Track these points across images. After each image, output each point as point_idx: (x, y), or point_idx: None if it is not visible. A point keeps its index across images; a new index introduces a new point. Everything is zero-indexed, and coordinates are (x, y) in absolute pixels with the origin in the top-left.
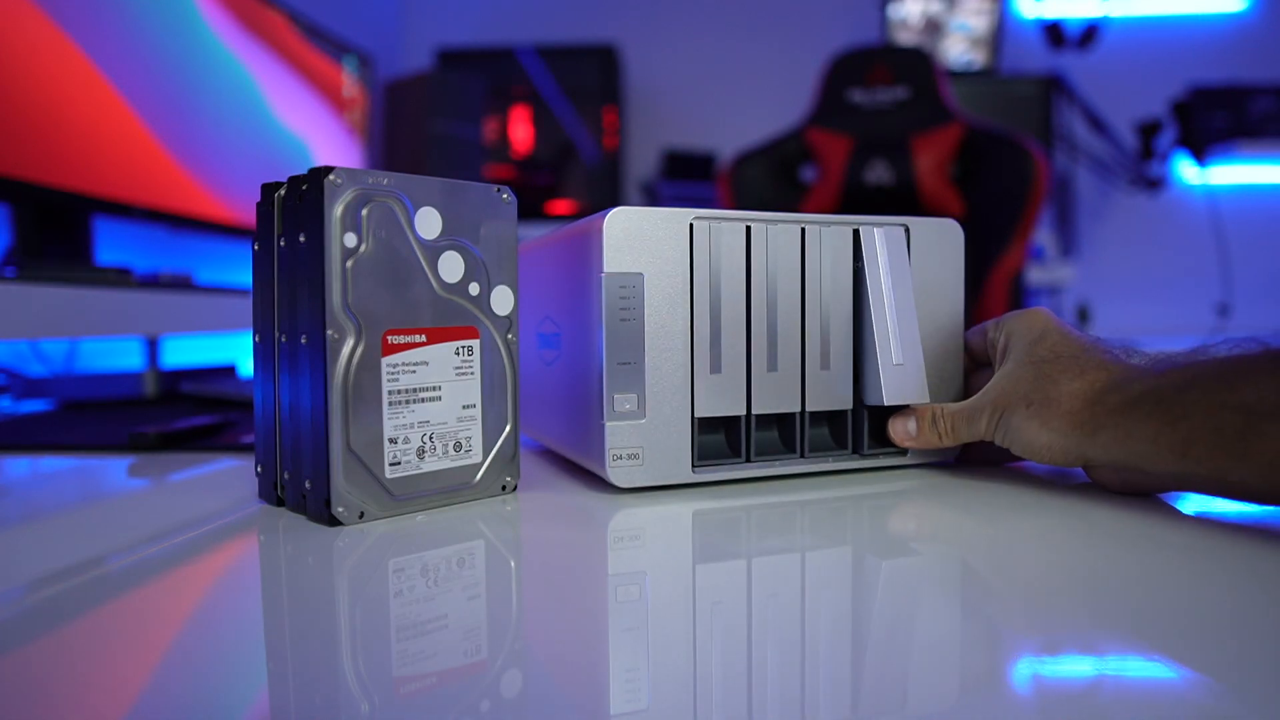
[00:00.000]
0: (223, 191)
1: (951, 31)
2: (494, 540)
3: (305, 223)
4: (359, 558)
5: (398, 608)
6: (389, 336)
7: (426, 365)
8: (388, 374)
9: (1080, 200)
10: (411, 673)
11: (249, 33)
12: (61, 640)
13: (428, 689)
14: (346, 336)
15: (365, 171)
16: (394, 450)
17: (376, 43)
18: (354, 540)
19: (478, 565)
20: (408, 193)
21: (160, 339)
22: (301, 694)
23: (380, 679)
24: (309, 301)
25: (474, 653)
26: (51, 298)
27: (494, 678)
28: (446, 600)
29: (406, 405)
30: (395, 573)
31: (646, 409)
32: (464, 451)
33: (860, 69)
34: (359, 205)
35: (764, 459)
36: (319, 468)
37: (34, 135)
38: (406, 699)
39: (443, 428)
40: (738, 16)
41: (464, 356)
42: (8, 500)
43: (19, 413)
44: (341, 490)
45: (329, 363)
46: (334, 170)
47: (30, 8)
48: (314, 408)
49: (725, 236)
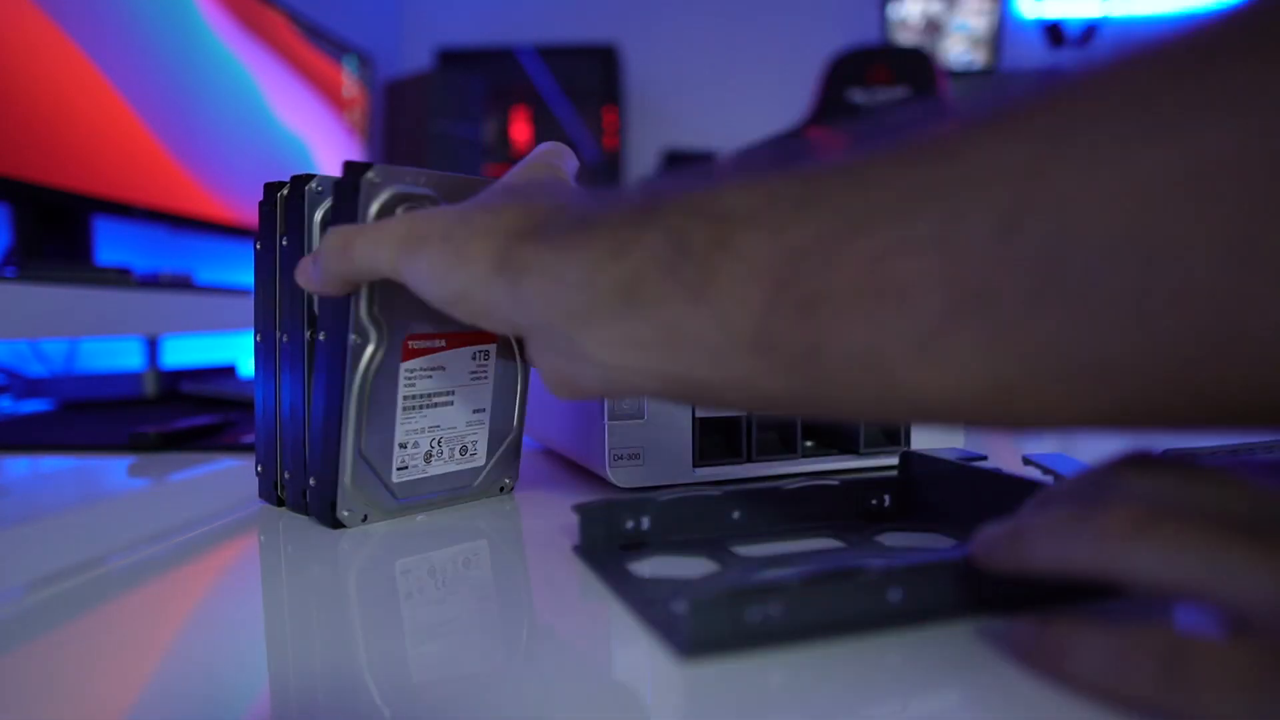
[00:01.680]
0: (223, 191)
1: (951, 31)
2: (496, 540)
3: (338, 221)
4: (365, 558)
5: (407, 610)
6: (410, 342)
7: (443, 370)
8: (404, 379)
9: None
10: (427, 678)
11: (249, 33)
12: (61, 640)
13: (441, 691)
14: (369, 342)
15: (402, 169)
16: (403, 455)
17: (376, 43)
18: (357, 542)
19: (483, 566)
20: (445, 193)
21: (160, 339)
22: (305, 696)
23: (393, 680)
24: (331, 302)
25: (486, 656)
26: (51, 298)
27: (501, 680)
28: (455, 602)
29: (419, 410)
30: (403, 574)
31: (647, 409)
32: (469, 455)
33: (860, 69)
34: (395, 206)
35: (765, 459)
36: (326, 470)
37: (34, 135)
38: (422, 701)
39: (451, 432)
40: (738, 16)
41: (480, 361)
42: (8, 500)
43: (19, 413)
44: (349, 494)
45: (348, 367)
46: (373, 167)
47: (30, 8)
48: (327, 410)
49: None
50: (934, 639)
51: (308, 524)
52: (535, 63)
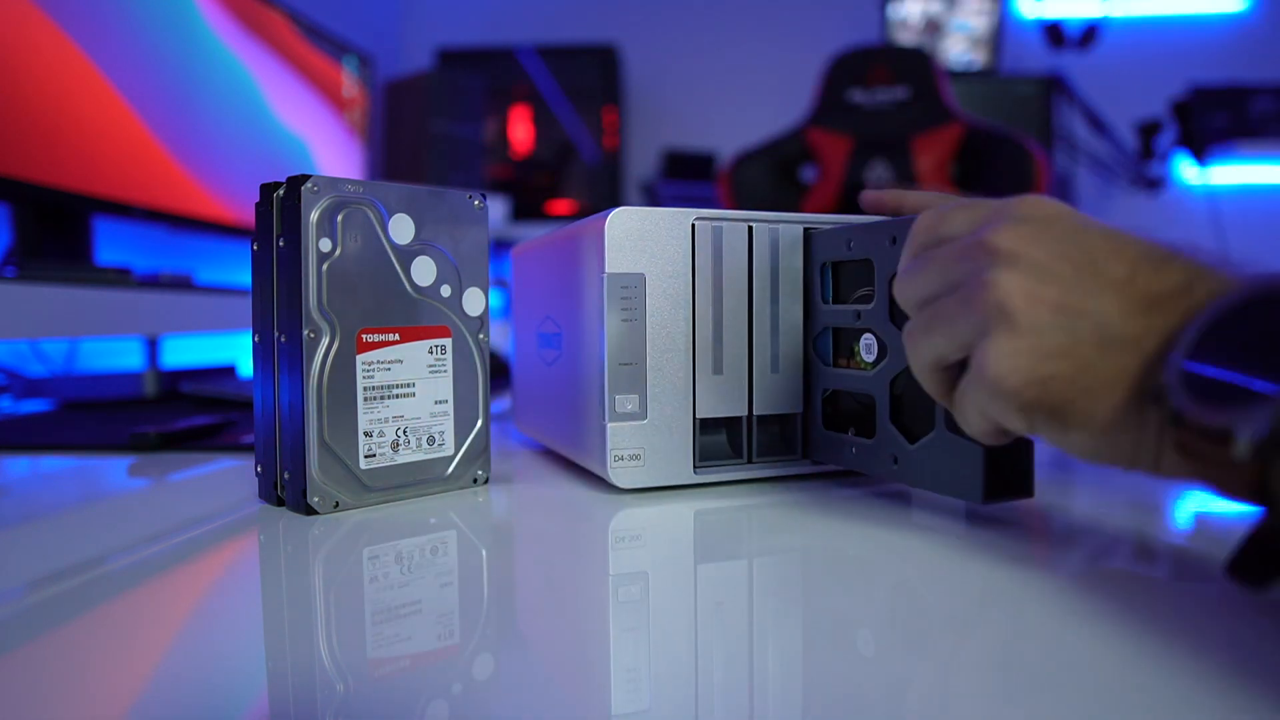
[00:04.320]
0: (223, 191)
1: (952, 31)
2: (465, 529)
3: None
4: (333, 546)
5: (372, 593)
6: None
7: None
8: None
9: (1080, 200)
10: (385, 655)
11: (249, 33)
12: (61, 640)
13: (401, 671)
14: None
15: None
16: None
17: (376, 43)
18: (329, 528)
19: (451, 554)
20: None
21: (160, 339)
22: (300, 692)
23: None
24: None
25: (447, 635)
26: (51, 298)
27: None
28: (419, 588)
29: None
30: (370, 560)
31: (648, 410)
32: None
33: (860, 69)
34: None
35: (766, 460)
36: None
37: (34, 135)
38: (381, 680)
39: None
40: (738, 16)
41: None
42: (8, 500)
43: (19, 413)
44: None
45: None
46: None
47: (30, 8)
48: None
49: (727, 236)
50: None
51: (308, 523)
52: (535, 63)
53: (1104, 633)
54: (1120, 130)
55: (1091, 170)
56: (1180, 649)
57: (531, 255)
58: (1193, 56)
